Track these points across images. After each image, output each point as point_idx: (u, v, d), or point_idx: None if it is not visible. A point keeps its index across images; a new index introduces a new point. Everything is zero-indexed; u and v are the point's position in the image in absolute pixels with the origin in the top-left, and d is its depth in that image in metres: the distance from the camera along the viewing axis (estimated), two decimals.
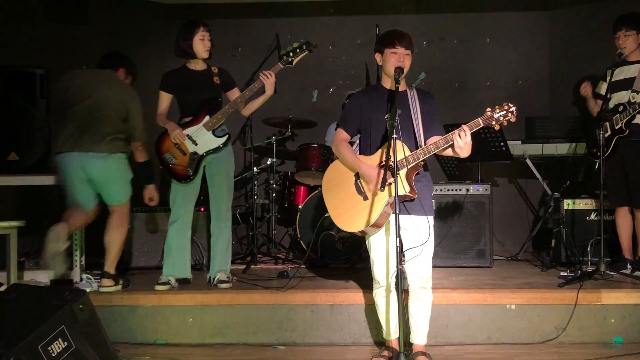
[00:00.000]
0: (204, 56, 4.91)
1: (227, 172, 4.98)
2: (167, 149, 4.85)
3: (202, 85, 4.91)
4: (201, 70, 4.96)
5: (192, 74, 4.94)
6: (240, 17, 7.41)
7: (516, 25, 7.30)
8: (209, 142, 4.85)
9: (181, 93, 4.92)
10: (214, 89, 4.95)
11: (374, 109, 3.89)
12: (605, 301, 4.42)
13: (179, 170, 4.85)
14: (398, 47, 3.81)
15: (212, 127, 4.83)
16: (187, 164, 4.83)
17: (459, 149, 3.64)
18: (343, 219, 3.91)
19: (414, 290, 3.87)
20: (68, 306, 3.05)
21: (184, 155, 4.83)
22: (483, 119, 3.66)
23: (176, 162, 4.84)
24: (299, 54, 4.81)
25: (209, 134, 4.84)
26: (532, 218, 7.08)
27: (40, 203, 5.91)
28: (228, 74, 5.07)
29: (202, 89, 4.89)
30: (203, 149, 4.84)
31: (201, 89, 4.89)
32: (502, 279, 5.07)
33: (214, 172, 4.94)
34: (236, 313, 4.60)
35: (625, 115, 5.00)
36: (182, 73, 4.95)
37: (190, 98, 4.88)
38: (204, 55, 4.91)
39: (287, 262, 5.97)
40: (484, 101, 7.00)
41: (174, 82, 4.92)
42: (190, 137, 4.82)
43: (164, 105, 4.96)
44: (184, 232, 4.96)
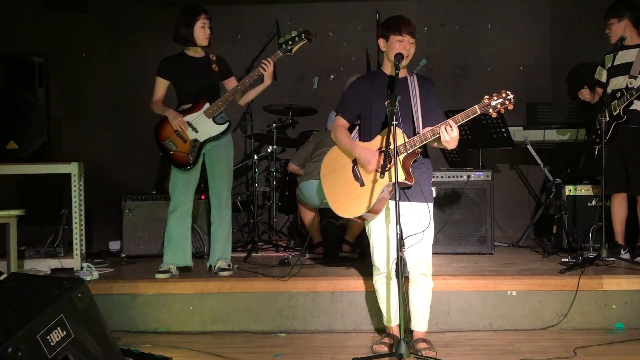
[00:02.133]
0: (204, 44, 4.88)
1: (227, 159, 4.96)
2: (166, 136, 4.83)
3: (201, 72, 4.88)
4: (200, 57, 4.93)
5: (191, 61, 4.91)
6: (239, 4, 7.37)
7: (517, 10, 7.26)
8: (210, 129, 4.83)
9: (179, 79, 4.89)
10: (213, 76, 4.92)
11: (374, 95, 3.87)
12: (606, 287, 4.41)
13: (180, 157, 4.83)
14: (405, 35, 3.78)
15: (212, 115, 4.81)
16: (188, 151, 4.81)
17: (445, 142, 3.64)
18: (340, 204, 3.90)
19: (414, 277, 3.86)
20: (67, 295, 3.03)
21: (184, 143, 4.81)
22: (480, 107, 3.64)
23: (177, 149, 4.82)
24: (297, 42, 4.76)
25: (210, 121, 4.82)
26: (533, 204, 7.06)
27: (40, 192, 5.90)
28: (226, 62, 5.04)
29: (201, 76, 4.86)
30: (204, 136, 4.82)
31: (200, 76, 4.86)
32: (504, 265, 5.07)
33: (214, 160, 4.92)
34: (237, 301, 4.60)
35: (623, 102, 4.97)
36: (180, 59, 4.92)
37: (189, 85, 4.85)
38: (204, 43, 4.87)
39: (288, 249, 5.96)
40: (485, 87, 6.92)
41: (172, 68, 4.90)
42: (191, 124, 4.80)
43: (160, 92, 4.92)
44: (184, 220, 4.95)
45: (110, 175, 6.66)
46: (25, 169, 5.19)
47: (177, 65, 4.90)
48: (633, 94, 4.92)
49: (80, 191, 5.30)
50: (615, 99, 5.02)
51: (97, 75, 6.82)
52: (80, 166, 5.30)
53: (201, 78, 4.87)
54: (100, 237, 6.33)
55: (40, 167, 5.20)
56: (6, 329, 2.86)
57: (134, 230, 5.84)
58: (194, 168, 4.86)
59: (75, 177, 5.22)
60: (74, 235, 5.26)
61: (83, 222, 5.36)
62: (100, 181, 6.26)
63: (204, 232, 5.76)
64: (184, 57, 4.92)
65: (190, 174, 4.89)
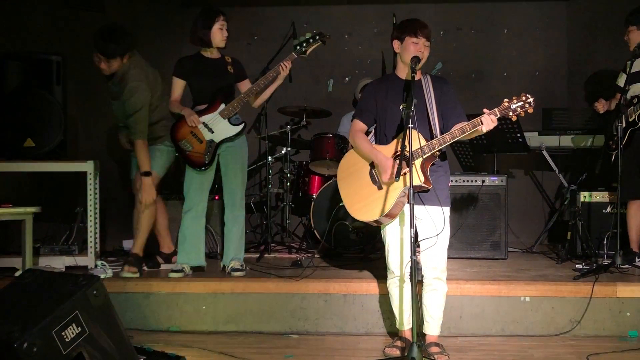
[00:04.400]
0: (221, 45, 4.90)
1: (241, 161, 4.97)
2: (183, 136, 4.85)
3: (217, 73, 4.90)
4: (216, 58, 4.95)
5: (207, 62, 4.93)
6: (256, 5, 7.39)
7: (534, 15, 7.24)
8: (225, 130, 4.85)
9: (195, 80, 4.91)
10: (228, 77, 4.94)
11: (389, 98, 3.87)
12: (620, 294, 4.38)
13: (196, 157, 4.85)
14: (420, 37, 3.78)
15: (227, 115, 4.82)
16: (203, 152, 4.83)
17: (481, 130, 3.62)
18: (357, 208, 3.90)
19: (429, 280, 3.85)
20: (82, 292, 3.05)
21: (200, 143, 4.83)
22: (500, 110, 3.62)
23: (192, 149, 4.84)
24: (312, 44, 4.77)
25: (225, 122, 4.84)
26: (548, 210, 7.03)
27: (56, 190, 5.94)
28: (241, 64, 5.06)
29: (216, 77, 4.88)
30: (219, 137, 4.84)
31: (216, 77, 4.88)
32: (517, 271, 5.05)
33: (229, 161, 4.93)
34: (249, 301, 4.62)
35: (639, 108, 4.94)
36: (197, 60, 4.94)
37: (204, 85, 4.88)
38: (221, 44, 4.89)
39: (300, 251, 5.97)
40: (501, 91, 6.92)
41: (189, 68, 4.92)
42: (207, 124, 4.82)
43: (177, 92, 4.96)
44: (198, 220, 4.97)
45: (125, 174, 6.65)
46: (42, 167, 5.23)
47: (193, 65, 4.92)
48: None
49: (95, 189, 5.33)
50: (632, 106, 4.99)
51: None
52: (96, 165, 5.33)
53: (216, 79, 4.89)
54: (114, 235, 6.35)
55: (56, 165, 5.24)
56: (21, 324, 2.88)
57: None
58: (209, 168, 4.87)
59: (90, 175, 5.25)
60: (89, 233, 5.29)
61: (98, 220, 5.39)
62: (115, 180, 6.29)
63: (217, 233, 5.78)
64: (200, 58, 4.94)
65: (205, 175, 4.91)
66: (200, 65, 4.91)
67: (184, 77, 4.93)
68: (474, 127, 3.62)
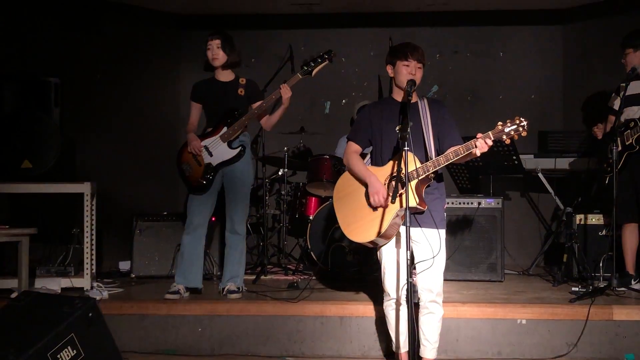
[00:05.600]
0: (214, 64, 4.92)
1: (242, 184, 4.97)
2: (185, 159, 4.89)
3: (226, 95, 4.93)
4: (227, 82, 4.98)
5: (218, 84, 4.97)
6: (253, 28, 7.44)
7: (530, 39, 7.30)
8: (223, 153, 4.87)
9: (207, 103, 4.98)
10: (238, 100, 4.95)
11: (385, 120, 3.90)
12: (617, 317, 4.38)
13: (194, 180, 4.87)
14: (410, 60, 3.81)
15: (228, 139, 4.84)
16: (201, 175, 4.84)
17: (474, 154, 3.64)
18: (352, 229, 3.91)
19: (425, 303, 3.85)
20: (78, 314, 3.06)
21: (199, 167, 4.85)
22: (494, 133, 3.64)
23: (191, 172, 4.86)
24: (320, 63, 4.78)
25: (224, 146, 4.86)
26: (544, 232, 7.04)
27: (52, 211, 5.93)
28: (256, 85, 5.08)
29: (225, 100, 4.91)
30: (217, 160, 4.86)
31: (225, 100, 4.91)
32: (513, 293, 5.04)
33: (231, 185, 4.95)
34: (246, 323, 4.60)
35: (636, 132, 4.98)
36: (209, 83, 5.00)
37: (214, 108, 4.93)
38: (215, 64, 4.91)
39: (297, 273, 5.96)
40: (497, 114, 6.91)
41: (202, 92, 4.99)
42: (207, 148, 4.85)
43: (194, 116, 5.03)
44: (198, 241, 4.97)
45: (122, 196, 6.70)
46: (39, 188, 5.22)
47: (205, 89, 4.98)
48: None
49: (92, 211, 5.33)
50: (629, 129, 5.02)
51: (111, 97, 6.88)
52: (93, 186, 5.33)
53: (225, 102, 4.92)
54: (111, 256, 6.34)
55: (53, 186, 5.24)
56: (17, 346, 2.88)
57: (145, 250, 5.85)
58: (209, 191, 4.88)
59: (87, 196, 5.25)
60: (85, 255, 5.27)
61: (94, 241, 5.38)
62: (112, 201, 6.29)
63: (214, 256, 5.78)
64: (212, 81, 5.00)
65: (207, 196, 4.92)
66: (211, 89, 4.96)
67: (198, 100, 4.99)
68: (468, 150, 3.64)
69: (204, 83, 5.03)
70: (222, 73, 4.97)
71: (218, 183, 4.93)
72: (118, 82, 6.95)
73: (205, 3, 7.07)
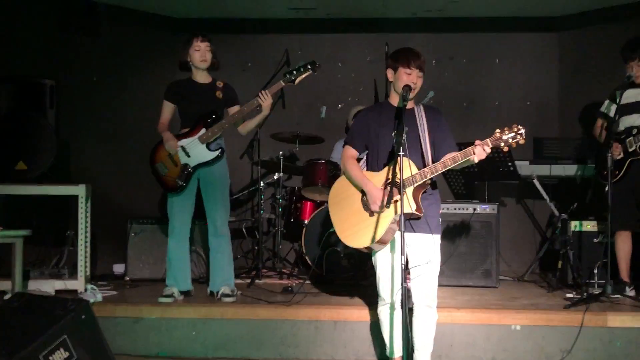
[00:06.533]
0: (201, 66, 4.91)
1: (221, 187, 4.97)
2: (160, 159, 4.87)
3: (204, 97, 4.92)
4: (205, 83, 4.98)
5: (196, 86, 4.96)
6: (250, 33, 7.44)
7: (525, 46, 7.31)
8: (201, 155, 4.85)
9: (183, 103, 4.95)
10: (216, 102, 4.95)
11: (381, 126, 3.89)
12: (611, 324, 4.38)
13: (169, 181, 4.86)
14: (413, 68, 3.81)
15: (206, 140, 4.83)
16: (177, 176, 4.83)
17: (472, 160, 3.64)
18: (348, 234, 3.91)
19: (419, 308, 3.84)
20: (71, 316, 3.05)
21: (175, 167, 4.84)
22: (492, 140, 3.63)
23: (167, 172, 4.85)
24: (302, 72, 4.76)
25: (202, 147, 4.84)
26: (539, 239, 7.04)
27: (47, 213, 5.92)
28: (233, 90, 5.08)
29: (203, 102, 4.91)
30: (195, 161, 4.85)
31: (202, 102, 4.90)
32: (508, 299, 5.05)
33: (208, 187, 4.94)
34: (240, 327, 4.59)
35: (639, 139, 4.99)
36: (186, 84, 4.98)
37: (190, 109, 4.91)
38: (201, 65, 4.90)
39: (292, 277, 5.95)
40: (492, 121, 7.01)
41: (178, 92, 4.96)
42: (184, 148, 4.83)
43: (166, 115, 5.00)
44: (182, 244, 4.97)
45: (116, 199, 6.68)
46: (33, 190, 5.21)
47: (182, 89, 4.96)
48: None
49: (86, 213, 5.32)
50: (631, 136, 5.03)
51: (107, 99, 6.87)
52: (88, 188, 5.32)
53: (203, 103, 4.91)
54: (105, 259, 6.32)
55: (48, 188, 5.23)
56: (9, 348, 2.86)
57: (139, 253, 5.84)
58: (187, 192, 4.87)
59: (82, 199, 5.24)
60: (79, 257, 5.26)
61: (88, 244, 5.36)
62: (106, 204, 6.27)
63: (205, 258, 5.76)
64: (189, 82, 4.98)
65: (185, 198, 4.91)
66: (189, 89, 4.94)
67: (173, 100, 4.97)
68: (466, 157, 3.64)
69: (180, 83, 5.01)
70: (200, 75, 4.96)
71: (194, 185, 4.92)
72: (114, 85, 6.94)
73: (200, 7, 7.07)
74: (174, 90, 4.98)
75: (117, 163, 6.86)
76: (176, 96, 4.96)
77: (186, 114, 4.95)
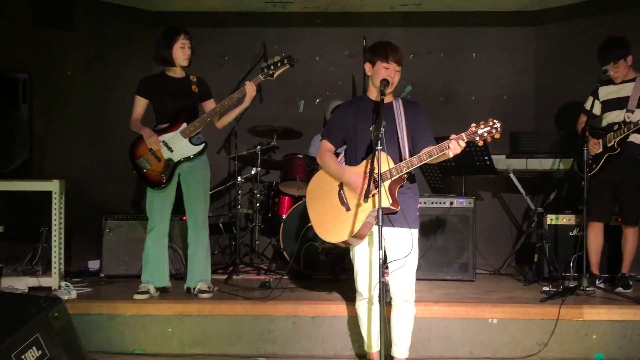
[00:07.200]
0: (184, 64, 4.88)
1: (203, 181, 4.94)
2: (141, 154, 4.81)
3: (180, 92, 4.88)
4: (180, 78, 4.93)
5: (171, 81, 4.91)
6: (227, 26, 7.38)
7: (503, 40, 7.34)
8: (185, 149, 4.81)
9: (158, 99, 4.89)
10: (192, 97, 4.91)
11: (360, 120, 3.88)
12: (587, 317, 4.42)
13: (153, 176, 4.81)
14: (391, 62, 3.80)
15: (188, 135, 4.80)
16: (161, 170, 4.79)
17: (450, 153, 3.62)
18: (325, 229, 3.89)
19: (397, 303, 3.84)
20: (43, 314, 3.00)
21: (158, 162, 4.79)
22: (467, 134, 3.63)
23: (150, 168, 4.80)
24: (280, 67, 4.75)
25: (185, 141, 4.81)
26: (515, 232, 7.08)
27: (20, 209, 5.83)
28: (206, 83, 5.04)
29: (180, 97, 4.86)
30: (178, 156, 4.80)
31: (179, 97, 4.86)
32: (485, 292, 5.07)
33: (190, 182, 4.90)
34: (217, 323, 4.56)
35: (620, 134, 5.02)
36: (160, 79, 4.92)
37: (167, 105, 4.85)
38: (184, 63, 4.87)
39: (269, 272, 5.92)
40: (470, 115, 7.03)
41: (152, 87, 4.90)
42: (166, 143, 4.78)
43: (138, 111, 4.93)
44: (161, 240, 4.92)
45: (91, 194, 6.60)
46: (6, 186, 5.12)
47: (156, 84, 4.90)
48: (631, 128, 4.97)
49: (60, 209, 5.24)
50: (612, 131, 5.07)
51: (81, 93, 6.79)
52: (62, 184, 5.24)
53: (179, 98, 4.86)
54: (80, 256, 6.25)
55: (21, 184, 5.14)
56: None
57: (114, 250, 5.77)
58: (168, 187, 4.83)
59: (56, 195, 5.16)
60: (53, 254, 5.18)
61: (63, 240, 5.29)
62: (81, 200, 6.20)
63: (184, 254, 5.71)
64: (163, 77, 4.92)
65: (166, 194, 4.86)
66: (164, 84, 4.89)
67: (147, 95, 4.91)
68: (441, 151, 3.64)
69: (153, 78, 4.96)
70: (175, 70, 4.92)
71: (174, 181, 4.88)
72: (89, 79, 6.87)
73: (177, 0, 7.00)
74: (148, 85, 4.92)
75: (92, 158, 6.79)
76: (150, 92, 4.90)
77: (162, 110, 4.89)
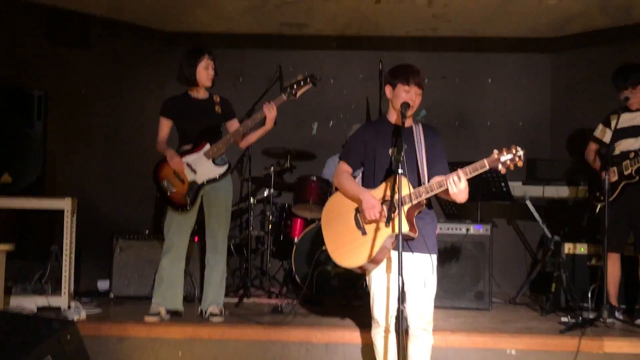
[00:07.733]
0: (207, 85, 4.86)
1: (225, 202, 4.88)
2: (165, 176, 4.76)
3: (204, 113, 4.84)
4: (203, 99, 4.90)
5: (194, 102, 4.87)
6: (243, 48, 7.38)
7: (519, 66, 7.31)
8: (209, 171, 4.76)
9: (181, 120, 4.85)
10: (215, 117, 4.88)
11: (379, 142, 3.82)
12: (607, 349, 4.32)
13: (177, 198, 4.75)
14: (412, 86, 3.75)
15: (212, 156, 4.75)
16: (185, 193, 4.73)
17: (453, 195, 3.55)
18: (340, 253, 3.81)
19: (415, 331, 3.75)
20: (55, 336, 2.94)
21: (182, 184, 4.74)
22: (489, 161, 3.56)
23: (174, 190, 4.75)
24: (302, 86, 4.72)
25: (209, 163, 4.76)
26: (529, 260, 6.99)
27: (31, 226, 5.79)
28: (229, 103, 5.01)
29: (203, 117, 4.82)
30: (202, 178, 4.75)
31: (202, 117, 4.82)
32: (502, 322, 4.97)
33: (212, 203, 4.84)
34: (227, 348, 4.48)
35: (636, 162, 4.96)
36: (183, 100, 4.89)
37: (190, 125, 4.81)
38: (207, 84, 4.85)
39: (281, 296, 5.83)
40: (485, 140, 6.99)
41: (175, 108, 4.86)
42: (190, 165, 4.74)
43: (164, 132, 4.89)
44: (177, 262, 4.85)
45: (103, 213, 6.56)
46: (18, 203, 5.08)
47: (179, 105, 4.86)
48: None
49: (72, 228, 5.19)
50: (628, 159, 5.00)
51: (95, 112, 6.78)
52: (74, 202, 5.20)
53: (203, 119, 4.83)
54: (89, 275, 6.19)
55: (33, 201, 5.09)
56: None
57: (124, 270, 5.72)
58: (190, 210, 4.77)
59: (68, 213, 5.11)
60: (63, 273, 5.11)
61: (73, 259, 5.23)
62: (92, 218, 6.15)
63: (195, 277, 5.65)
64: (187, 98, 4.89)
65: (186, 216, 4.81)
66: (187, 105, 4.85)
67: (171, 116, 4.87)
68: None
69: (177, 99, 4.93)
70: (199, 90, 4.89)
71: (197, 202, 4.82)
72: (103, 97, 6.85)
73: (192, 21, 7.00)
74: (171, 106, 4.89)
75: (104, 177, 6.76)
76: (174, 112, 4.87)
77: (185, 131, 4.86)
